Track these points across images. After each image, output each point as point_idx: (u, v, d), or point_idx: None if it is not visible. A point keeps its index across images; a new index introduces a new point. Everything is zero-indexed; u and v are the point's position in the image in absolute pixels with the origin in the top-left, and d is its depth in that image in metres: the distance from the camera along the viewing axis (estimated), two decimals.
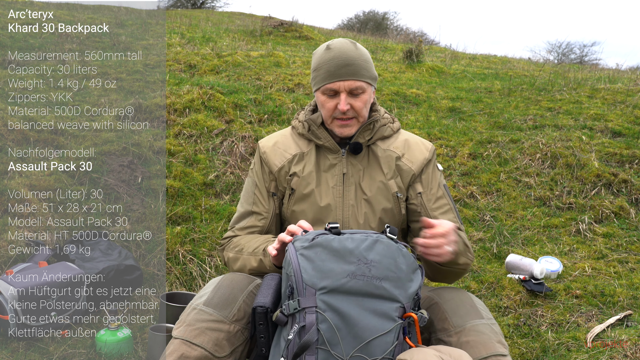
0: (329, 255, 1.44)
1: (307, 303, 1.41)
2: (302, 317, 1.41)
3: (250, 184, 1.90)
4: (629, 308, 2.69)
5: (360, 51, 1.79)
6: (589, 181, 3.78)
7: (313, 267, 1.44)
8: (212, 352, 1.50)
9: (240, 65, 5.34)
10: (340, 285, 1.42)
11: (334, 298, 1.41)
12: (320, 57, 1.79)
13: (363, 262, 1.44)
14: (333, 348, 1.39)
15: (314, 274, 1.43)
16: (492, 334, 1.54)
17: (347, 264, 1.43)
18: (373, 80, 1.81)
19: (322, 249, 1.45)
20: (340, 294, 1.42)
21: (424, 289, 1.74)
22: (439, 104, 5.01)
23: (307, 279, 1.43)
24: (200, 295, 1.62)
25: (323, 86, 1.77)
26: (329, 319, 1.40)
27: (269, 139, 1.93)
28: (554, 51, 16.98)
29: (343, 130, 1.79)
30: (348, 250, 1.44)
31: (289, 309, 1.43)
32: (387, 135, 1.87)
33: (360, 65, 1.76)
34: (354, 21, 19.71)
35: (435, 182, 1.86)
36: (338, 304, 1.41)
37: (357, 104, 1.77)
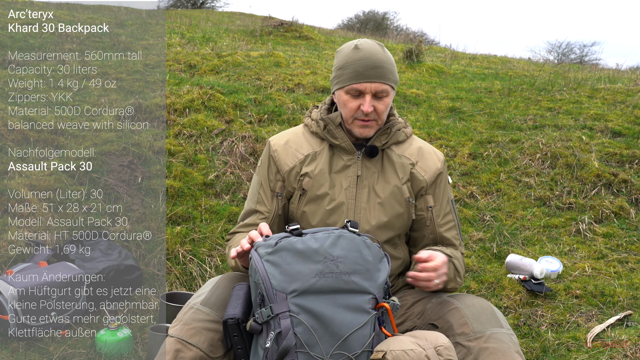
0: (294, 258, 1.44)
1: (279, 309, 1.41)
2: (277, 323, 1.40)
3: (256, 182, 1.89)
4: (629, 308, 2.69)
5: (387, 54, 1.79)
6: (589, 181, 3.78)
7: (280, 271, 1.43)
8: (207, 352, 1.50)
9: (240, 65, 5.34)
10: (310, 286, 1.42)
11: (306, 299, 1.41)
12: (347, 55, 1.78)
13: (329, 259, 1.44)
14: (312, 349, 1.39)
15: (282, 278, 1.42)
16: (511, 344, 1.56)
17: (314, 264, 1.43)
18: (396, 84, 1.80)
19: (286, 252, 1.45)
20: (312, 294, 1.42)
21: (443, 295, 1.75)
22: (439, 104, 5.01)
23: (276, 284, 1.42)
24: (198, 295, 1.62)
25: (348, 85, 1.75)
26: (304, 321, 1.40)
27: (281, 137, 1.90)
28: (554, 51, 16.98)
29: (363, 130, 1.78)
30: (313, 250, 1.45)
31: (262, 317, 1.42)
32: (401, 140, 1.87)
33: (388, 69, 1.76)
34: (354, 21, 19.71)
35: (445, 197, 1.87)
36: (311, 305, 1.41)
37: (380, 106, 1.76)
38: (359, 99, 1.76)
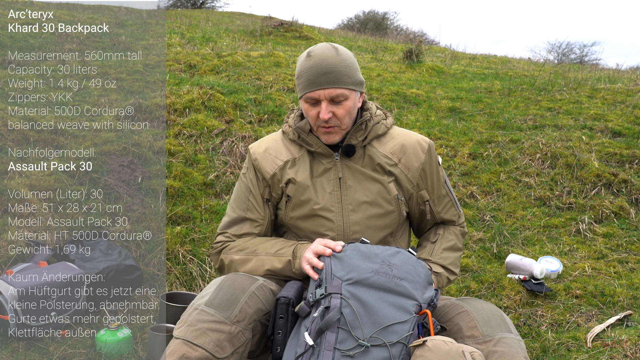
0: (356, 255, 1.59)
1: (333, 289, 1.53)
2: (328, 300, 1.51)
3: (244, 189, 1.87)
4: (629, 308, 2.69)
5: (342, 57, 1.73)
6: (589, 181, 3.78)
7: (342, 263, 1.58)
8: (213, 352, 1.50)
9: (240, 65, 5.34)
10: (364, 279, 1.54)
11: (358, 289, 1.53)
12: (301, 64, 1.76)
13: (386, 264, 1.58)
14: (353, 330, 1.48)
15: (341, 267, 1.57)
16: (520, 349, 1.57)
17: (372, 263, 1.57)
18: (357, 85, 1.76)
19: (350, 251, 1.61)
20: (364, 286, 1.53)
21: (451, 298, 1.79)
22: (439, 104, 5.01)
23: (335, 271, 1.57)
24: (202, 296, 1.61)
25: (304, 94, 1.75)
26: (352, 305, 1.50)
27: (260, 145, 1.90)
28: (554, 51, 16.99)
29: (327, 137, 1.79)
30: (374, 253, 1.60)
31: (315, 296, 1.54)
32: (382, 133, 1.85)
33: (341, 72, 1.71)
34: (354, 21, 19.72)
35: (438, 183, 1.88)
36: (361, 294, 1.52)
37: (339, 111, 1.74)
38: (317, 107, 1.75)
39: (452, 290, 2.86)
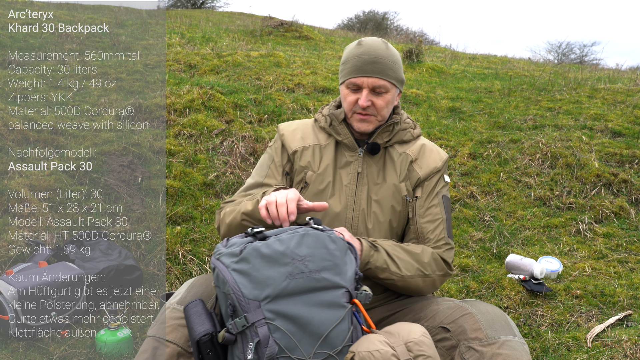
0: (262, 263, 1.39)
1: (254, 317, 1.36)
2: (254, 332, 1.36)
3: (267, 159, 1.89)
4: (629, 308, 2.69)
5: (391, 52, 1.79)
6: (589, 181, 3.78)
7: (249, 280, 1.39)
8: (185, 347, 1.53)
9: (240, 65, 5.34)
10: (282, 290, 1.38)
11: (280, 304, 1.38)
12: (350, 51, 1.80)
13: (297, 260, 1.40)
14: (293, 353, 1.36)
15: (252, 286, 1.38)
16: (524, 353, 1.56)
17: (283, 266, 1.39)
18: (399, 82, 1.80)
19: (253, 259, 1.40)
20: (284, 297, 1.38)
21: (454, 299, 1.75)
22: (439, 104, 5.01)
23: (247, 293, 1.38)
24: (175, 296, 1.65)
25: (347, 80, 1.78)
26: (281, 326, 1.37)
27: (289, 124, 1.93)
28: (554, 51, 17.00)
29: (361, 125, 1.79)
30: (279, 253, 1.41)
31: (237, 328, 1.37)
32: (407, 140, 1.87)
33: (387, 65, 1.76)
34: (354, 21, 19.71)
35: (434, 191, 1.85)
36: (285, 309, 1.38)
37: (379, 102, 1.77)
38: (357, 93, 1.78)
39: (452, 290, 2.86)
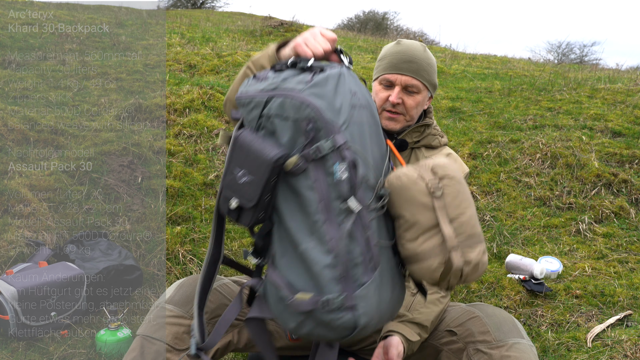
0: (332, 91, 1.23)
1: (341, 140, 1.20)
2: (338, 155, 1.19)
3: None
4: (629, 308, 2.69)
5: (428, 55, 1.80)
6: (589, 181, 3.78)
7: (327, 104, 1.21)
8: (172, 345, 1.55)
9: (240, 65, 5.34)
10: (350, 118, 1.23)
11: (350, 133, 1.23)
12: (387, 49, 1.82)
13: (352, 93, 1.27)
14: (368, 182, 1.23)
15: (330, 111, 1.21)
16: (532, 355, 1.56)
17: (347, 95, 1.25)
18: (432, 85, 1.81)
19: (326, 85, 1.23)
20: (352, 125, 1.24)
21: (461, 304, 1.75)
22: (439, 104, 5.01)
23: (328, 117, 1.20)
24: (164, 295, 1.66)
25: (381, 76, 1.79)
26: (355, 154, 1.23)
27: None
28: (554, 51, 17.01)
29: (389, 122, 1.80)
30: (341, 83, 1.26)
31: (321, 151, 1.19)
32: (434, 146, 1.88)
33: (422, 67, 1.77)
34: (354, 21, 19.71)
35: None
36: (351, 138, 1.23)
37: (409, 101, 1.78)
38: (389, 90, 1.78)
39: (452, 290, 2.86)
